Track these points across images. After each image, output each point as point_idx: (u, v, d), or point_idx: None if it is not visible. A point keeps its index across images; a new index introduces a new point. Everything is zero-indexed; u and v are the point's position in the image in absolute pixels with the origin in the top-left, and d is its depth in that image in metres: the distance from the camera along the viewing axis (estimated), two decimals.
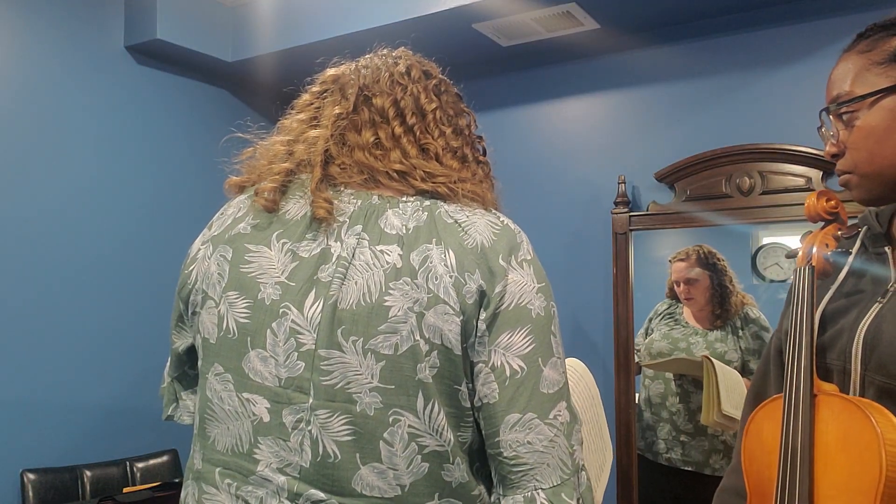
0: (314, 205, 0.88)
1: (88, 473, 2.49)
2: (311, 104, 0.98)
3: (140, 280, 2.77)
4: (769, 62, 2.35)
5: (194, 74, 3.05)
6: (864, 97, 0.94)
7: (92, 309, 2.63)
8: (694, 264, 2.38)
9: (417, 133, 0.93)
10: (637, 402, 2.45)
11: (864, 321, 0.96)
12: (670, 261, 2.45)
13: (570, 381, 1.24)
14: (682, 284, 2.40)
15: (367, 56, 1.02)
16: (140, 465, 2.63)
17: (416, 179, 0.90)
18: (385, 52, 1.02)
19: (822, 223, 1.07)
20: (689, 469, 2.29)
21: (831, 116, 0.99)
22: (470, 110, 1.03)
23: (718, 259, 2.37)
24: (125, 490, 2.42)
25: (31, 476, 2.36)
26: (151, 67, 2.89)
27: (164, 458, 2.70)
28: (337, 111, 0.93)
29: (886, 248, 1.01)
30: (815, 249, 1.03)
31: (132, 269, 2.76)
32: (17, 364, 2.42)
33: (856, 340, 0.95)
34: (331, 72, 1.01)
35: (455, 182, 0.90)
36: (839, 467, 0.86)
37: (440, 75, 1.01)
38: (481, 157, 1.01)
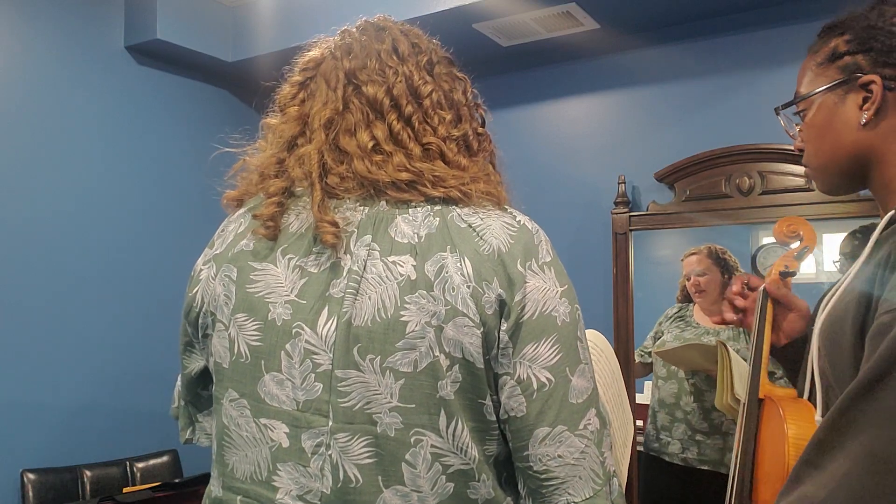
0: (320, 230, 0.82)
1: (88, 473, 2.49)
2: (296, 96, 0.92)
3: (140, 280, 2.77)
4: (769, 62, 2.35)
5: (194, 74, 3.05)
6: (804, 97, 1.02)
7: (92, 309, 2.63)
8: (705, 258, 2.39)
9: (416, 125, 0.86)
10: (651, 403, 2.45)
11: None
12: (682, 259, 2.45)
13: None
14: (692, 277, 2.40)
15: (347, 29, 0.94)
16: (140, 465, 2.63)
17: (427, 186, 0.83)
18: (363, 23, 0.95)
19: (790, 245, 1.20)
20: (706, 468, 2.29)
21: (796, 113, 1.08)
22: (464, 76, 0.95)
23: (729, 256, 2.39)
24: (125, 490, 2.42)
25: (31, 476, 2.36)
26: (151, 67, 2.89)
27: (164, 458, 2.70)
28: (327, 114, 0.87)
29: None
30: (771, 273, 1.16)
31: (132, 269, 2.76)
32: (18, 364, 2.42)
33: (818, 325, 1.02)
34: (311, 54, 0.94)
35: (467, 184, 0.84)
36: (768, 459, 1.01)
37: (428, 43, 0.93)
38: (480, 129, 0.94)
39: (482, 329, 0.78)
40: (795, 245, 1.19)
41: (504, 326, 0.79)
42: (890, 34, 0.94)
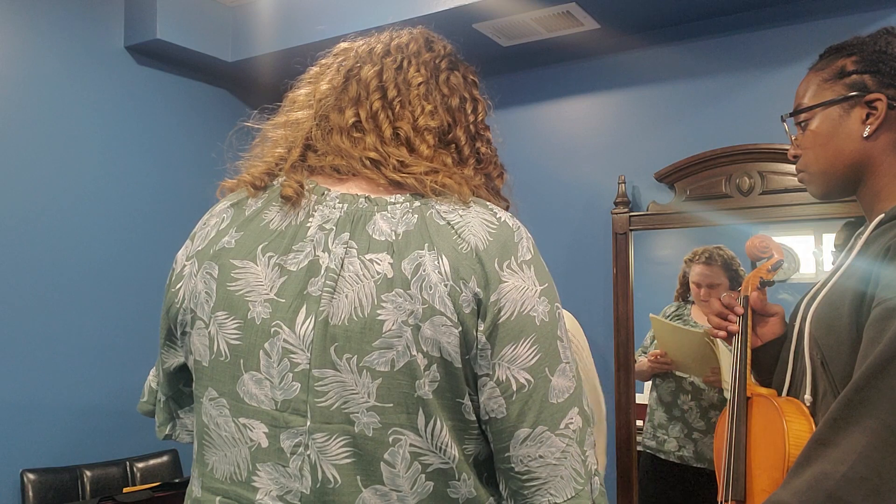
0: (284, 184, 0.84)
1: (88, 473, 2.49)
2: (318, 77, 0.95)
3: (140, 280, 2.77)
4: (769, 62, 2.34)
5: (194, 74, 3.05)
6: (812, 107, 1.12)
7: (92, 308, 2.63)
8: (719, 269, 2.37)
9: (396, 108, 0.88)
10: (648, 401, 2.45)
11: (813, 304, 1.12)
12: (688, 260, 2.43)
13: None
14: (703, 287, 2.38)
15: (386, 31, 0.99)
16: (140, 465, 2.63)
17: (389, 168, 0.85)
18: (407, 29, 0.98)
19: (762, 260, 1.32)
20: (702, 466, 2.29)
21: (795, 124, 1.17)
22: (480, 97, 0.96)
23: (738, 264, 2.37)
24: (125, 490, 2.42)
25: (31, 476, 2.36)
26: (151, 67, 2.89)
27: (164, 458, 2.71)
28: (324, 87, 0.90)
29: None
30: (750, 282, 1.28)
31: (132, 268, 2.76)
32: (17, 364, 2.42)
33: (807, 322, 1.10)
34: (343, 45, 0.97)
35: (426, 174, 0.85)
36: (763, 450, 1.09)
37: (448, 54, 0.96)
38: (483, 148, 0.94)
39: (460, 328, 0.77)
40: (769, 259, 1.31)
41: (481, 327, 0.78)
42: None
